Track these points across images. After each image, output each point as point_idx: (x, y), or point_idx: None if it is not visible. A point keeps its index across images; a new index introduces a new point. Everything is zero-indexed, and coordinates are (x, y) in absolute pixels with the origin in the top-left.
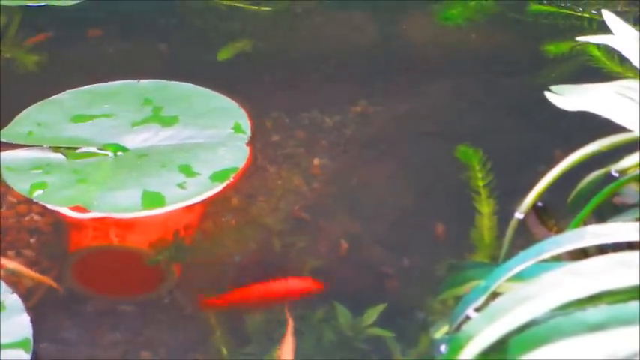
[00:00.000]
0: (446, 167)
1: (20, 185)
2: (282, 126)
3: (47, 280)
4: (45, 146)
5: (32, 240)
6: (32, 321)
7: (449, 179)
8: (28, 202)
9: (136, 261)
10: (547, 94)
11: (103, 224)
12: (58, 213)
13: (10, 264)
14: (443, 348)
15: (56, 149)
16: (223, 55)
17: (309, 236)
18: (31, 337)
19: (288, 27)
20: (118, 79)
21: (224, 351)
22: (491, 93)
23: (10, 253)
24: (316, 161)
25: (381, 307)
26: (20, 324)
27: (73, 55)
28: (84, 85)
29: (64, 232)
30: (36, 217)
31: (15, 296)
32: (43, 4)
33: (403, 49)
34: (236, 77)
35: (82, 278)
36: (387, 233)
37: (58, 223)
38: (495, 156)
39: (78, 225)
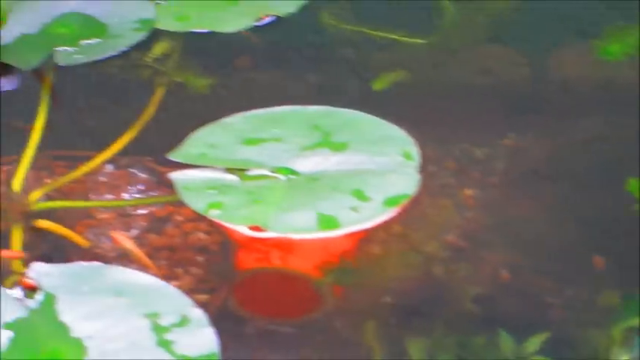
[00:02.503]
0: (607, 200)
1: (197, 204)
2: (434, 156)
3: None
4: (218, 167)
5: (199, 259)
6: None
7: (611, 212)
8: (194, 220)
9: (297, 283)
10: None
11: (265, 246)
12: (225, 232)
13: (127, 242)
14: None
15: (229, 170)
16: (378, 85)
17: (469, 264)
18: (217, 350)
19: (442, 60)
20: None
21: None
22: None
23: (178, 270)
24: (469, 192)
25: (544, 335)
26: (206, 337)
27: (225, 82)
28: (241, 111)
29: (230, 252)
30: (202, 236)
31: (199, 310)
32: (207, 30)
33: (555, 84)
34: (390, 107)
35: (244, 298)
36: (549, 263)
37: (225, 242)
38: None
39: (244, 245)
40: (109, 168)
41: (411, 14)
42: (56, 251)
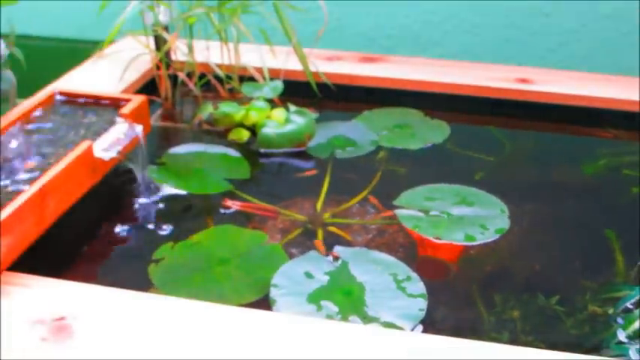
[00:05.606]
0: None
1: (408, 225)
2: (516, 212)
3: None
4: (415, 209)
5: (400, 249)
6: None
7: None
8: (397, 232)
9: (439, 263)
10: None
11: (429, 246)
12: (413, 238)
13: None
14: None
15: (420, 210)
16: (477, 176)
17: (522, 261)
18: (425, 292)
19: (504, 168)
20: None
21: None
22: None
23: (391, 254)
24: (515, 229)
25: (557, 296)
26: (421, 287)
27: (407, 171)
28: (419, 185)
29: (414, 248)
30: (401, 239)
31: (414, 273)
32: (402, 147)
33: (553, 184)
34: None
35: (420, 268)
36: (558, 260)
37: (412, 242)
38: None
39: (421, 245)
40: (357, 206)
41: (487, 145)
42: (338, 242)
